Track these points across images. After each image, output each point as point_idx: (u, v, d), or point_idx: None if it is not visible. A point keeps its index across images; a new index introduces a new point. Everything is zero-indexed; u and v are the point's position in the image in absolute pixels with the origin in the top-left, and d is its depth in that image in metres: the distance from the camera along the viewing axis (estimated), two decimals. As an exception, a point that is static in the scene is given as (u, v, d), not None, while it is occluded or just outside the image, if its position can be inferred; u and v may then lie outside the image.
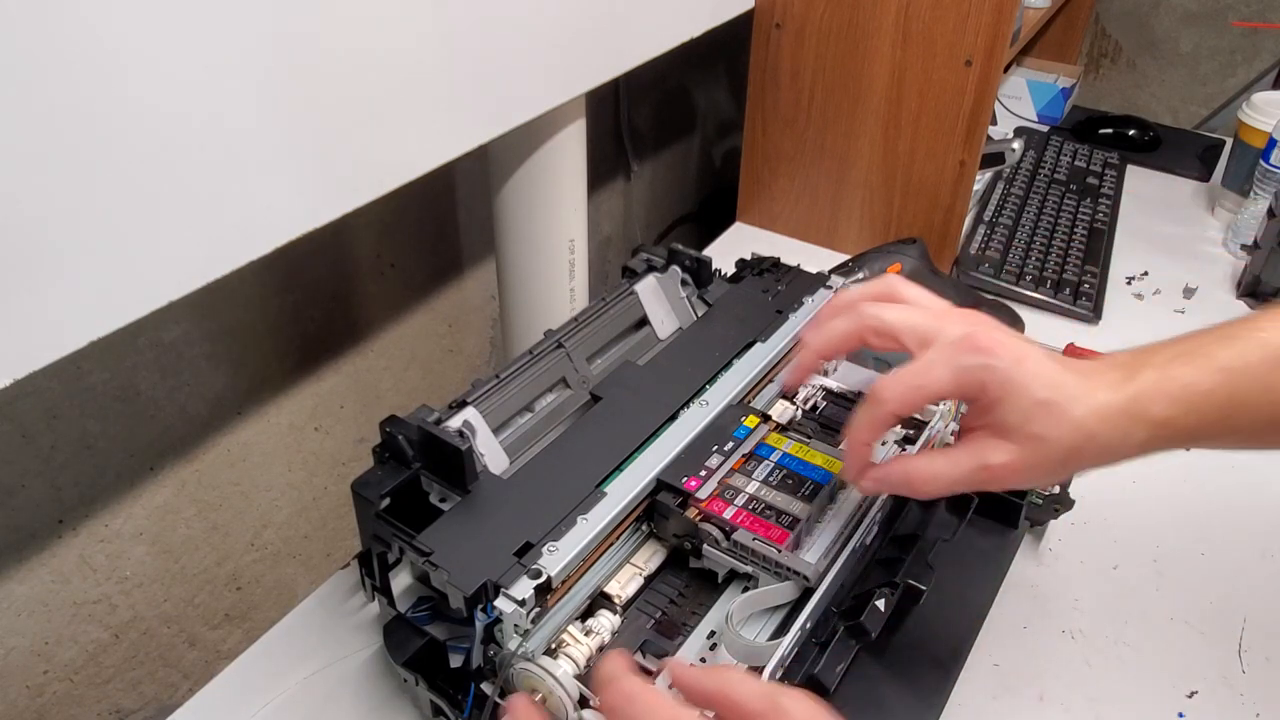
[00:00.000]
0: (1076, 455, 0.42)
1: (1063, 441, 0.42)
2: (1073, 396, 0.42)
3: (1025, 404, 0.42)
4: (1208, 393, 0.42)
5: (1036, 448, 0.42)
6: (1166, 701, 0.58)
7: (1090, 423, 0.42)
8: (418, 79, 0.56)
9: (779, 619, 0.50)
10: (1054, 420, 0.42)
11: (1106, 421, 0.42)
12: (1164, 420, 0.42)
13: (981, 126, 0.91)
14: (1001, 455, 0.43)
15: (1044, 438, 0.42)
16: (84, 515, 0.69)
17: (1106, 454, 0.43)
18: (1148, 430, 0.42)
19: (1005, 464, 0.42)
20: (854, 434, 0.47)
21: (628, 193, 1.27)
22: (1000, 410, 0.42)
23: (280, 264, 0.78)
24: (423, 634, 0.50)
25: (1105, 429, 0.42)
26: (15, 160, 0.38)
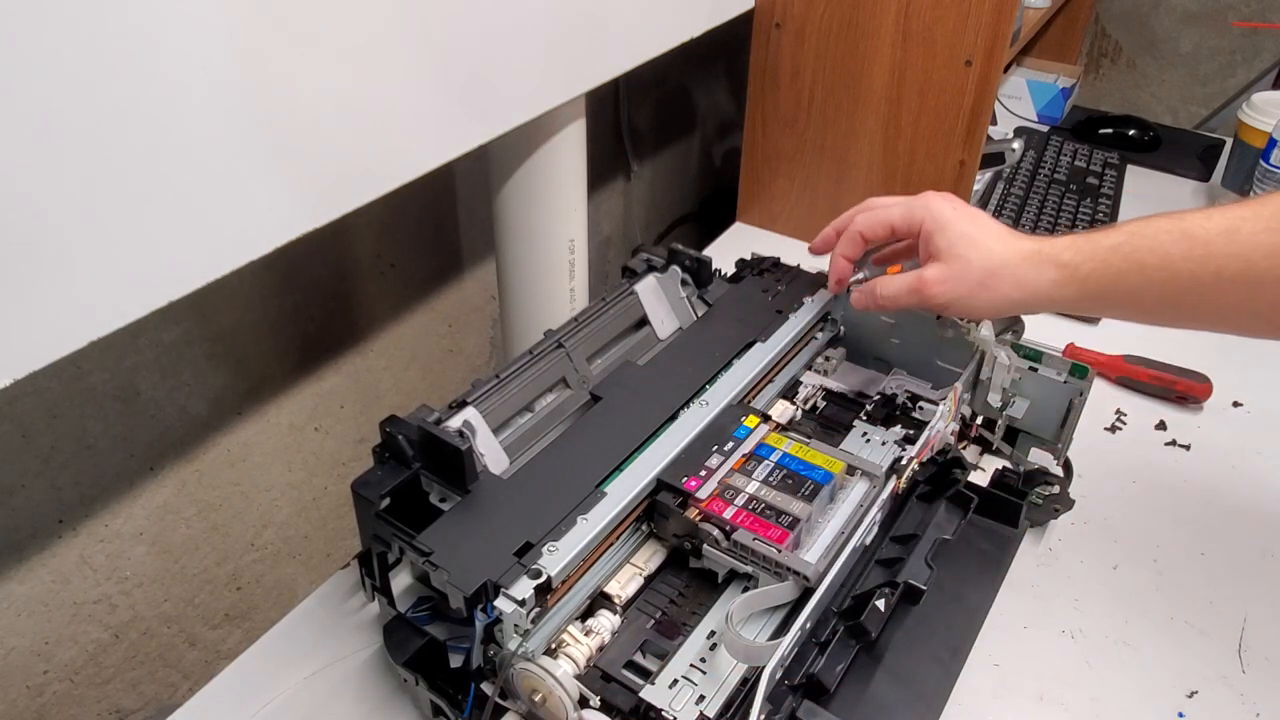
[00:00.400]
0: (994, 276, 0.53)
1: (980, 262, 0.53)
2: (993, 235, 0.54)
3: (951, 234, 0.54)
4: (1113, 247, 0.50)
5: (959, 265, 0.54)
6: (1166, 701, 0.58)
7: (1006, 254, 0.53)
8: (417, 79, 0.56)
9: (779, 619, 0.50)
10: (974, 247, 0.53)
11: (1021, 255, 0.52)
12: (1072, 264, 0.51)
13: (981, 126, 0.91)
14: (932, 271, 0.55)
15: (965, 258, 0.53)
16: (84, 515, 0.69)
17: (1022, 287, 0.52)
18: (1057, 270, 0.51)
19: (934, 277, 0.55)
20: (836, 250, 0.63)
21: (628, 193, 1.26)
22: (935, 240, 0.55)
23: (280, 264, 0.78)
24: (423, 634, 0.50)
25: (1019, 260, 0.52)
26: (15, 160, 0.38)
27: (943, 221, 0.55)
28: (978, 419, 0.69)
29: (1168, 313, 0.51)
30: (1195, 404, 0.83)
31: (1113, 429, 0.81)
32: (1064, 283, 0.51)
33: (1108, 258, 0.49)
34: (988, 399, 0.65)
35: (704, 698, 0.45)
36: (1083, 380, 0.62)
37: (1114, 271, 0.49)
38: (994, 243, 0.53)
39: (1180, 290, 0.48)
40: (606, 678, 0.46)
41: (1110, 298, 0.51)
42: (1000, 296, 0.53)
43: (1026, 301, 0.53)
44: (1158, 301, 0.49)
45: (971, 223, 0.54)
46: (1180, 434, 0.80)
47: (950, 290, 0.54)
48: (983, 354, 0.64)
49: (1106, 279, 0.50)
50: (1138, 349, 0.85)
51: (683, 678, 0.46)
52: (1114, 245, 0.49)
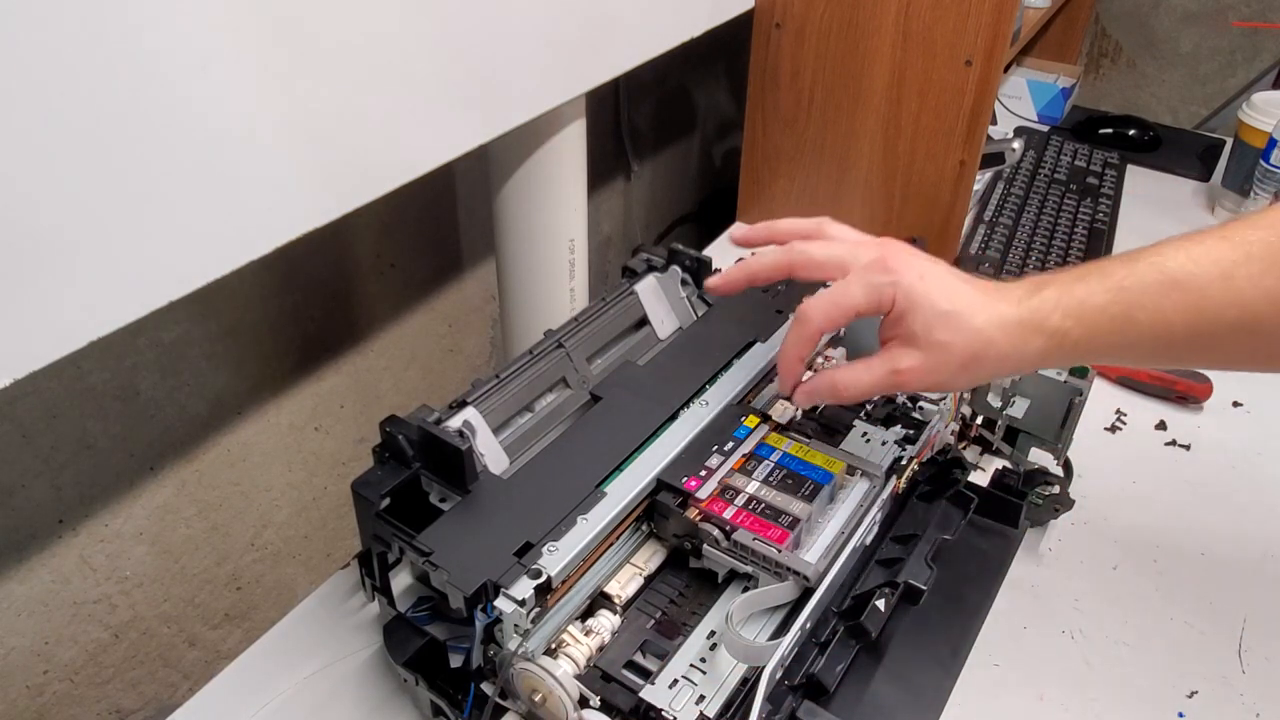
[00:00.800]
0: (976, 360, 0.47)
1: (963, 347, 0.47)
2: (973, 308, 0.47)
3: (928, 314, 0.47)
4: (1102, 308, 0.46)
5: (939, 352, 0.47)
6: (1166, 701, 0.58)
7: (989, 330, 0.47)
8: (418, 79, 0.56)
9: (779, 619, 0.50)
10: (954, 328, 0.47)
11: (1004, 330, 0.47)
12: (1059, 331, 0.46)
13: (981, 126, 0.91)
14: (908, 360, 0.48)
15: (945, 344, 0.47)
16: (84, 515, 0.69)
17: (1007, 362, 0.48)
18: (1045, 339, 0.47)
19: (911, 368, 0.48)
20: (785, 352, 0.52)
21: (628, 193, 1.26)
22: (907, 321, 0.48)
23: (280, 264, 0.78)
24: (423, 634, 0.50)
25: (1003, 336, 0.47)
26: (15, 161, 0.38)
27: (915, 299, 0.48)
28: (978, 419, 0.69)
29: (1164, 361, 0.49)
30: (1195, 404, 0.83)
31: (1113, 429, 0.81)
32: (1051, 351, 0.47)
33: (1096, 320, 0.46)
34: (988, 399, 0.65)
35: (704, 698, 0.45)
36: (1083, 380, 0.62)
37: (1104, 333, 0.46)
38: (976, 317, 0.47)
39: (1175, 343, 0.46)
40: (606, 678, 0.46)
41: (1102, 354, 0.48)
42: (982, 375, 0.49)
43: (1006, 372, 0.50)
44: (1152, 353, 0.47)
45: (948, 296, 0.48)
46: (1180, 434, 0.80)
47: (931, 380, 0.49)
48: (983, 354, 0.63)
49: (1097, 340, 0.46)
50: (1138, 349, 0.85)
51: (683, 678, 0.46)
52: (1102, 306, 0.46)
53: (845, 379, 0.50)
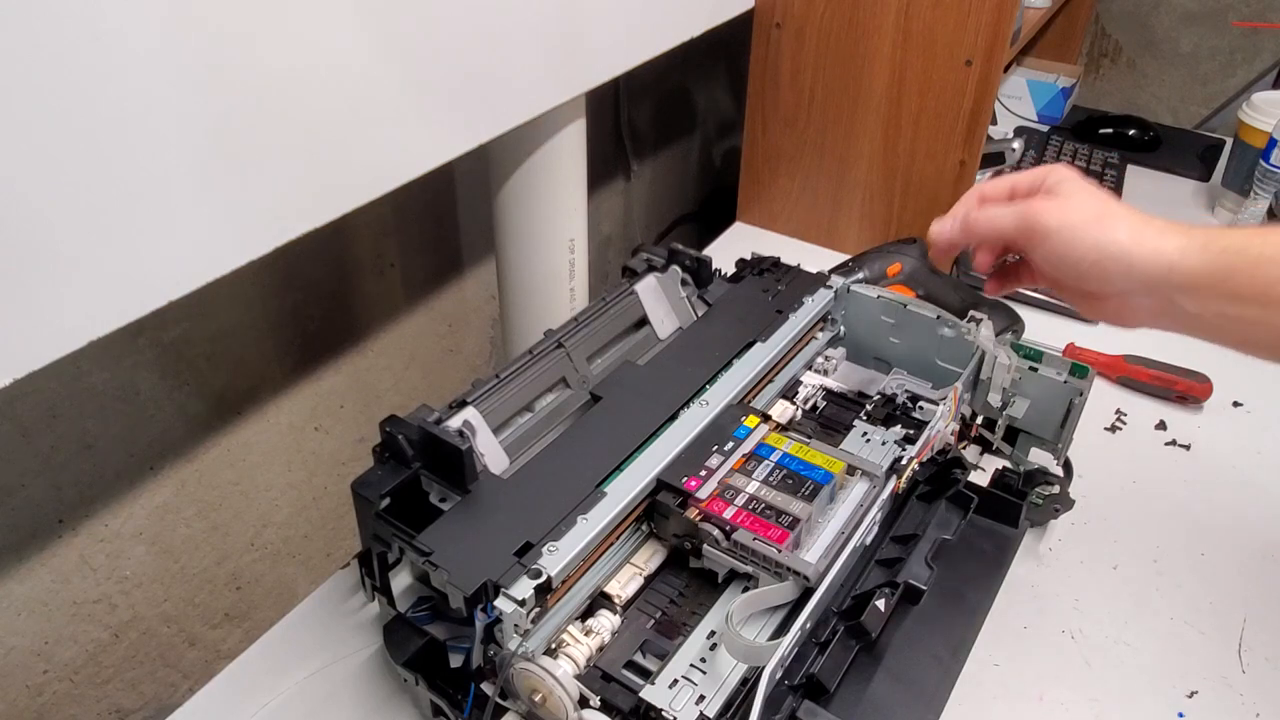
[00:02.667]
0: (1110, 215, 0.48)
1: (1095, 203, 0.49)
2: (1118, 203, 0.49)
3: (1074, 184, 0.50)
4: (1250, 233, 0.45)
5: (1075, 200, 0.49)
6: (1166, 701, 0.58)
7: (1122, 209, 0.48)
8: (417, 79, 0.56)
9: (779, 619, 0.50)
10: (1090, 192, 0.50)
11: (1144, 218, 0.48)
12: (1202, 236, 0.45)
13: (981, 126, 0.91)
14: (1045, 200, 0.50)
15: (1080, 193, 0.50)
16: (84, 515, 0.69)
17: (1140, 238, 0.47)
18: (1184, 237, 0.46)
19: (1045, 202, 0.50)
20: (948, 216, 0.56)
21: (628, 193, 1.26)
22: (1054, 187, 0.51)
23: (280, 264, 0.78)
24: (423, 634, 0.50)
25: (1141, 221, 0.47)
26: (15, 161, 0.38)
27: (1065, 178, 0.51)
28: (978, 419, 0.68)
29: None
30: (1195, 404, 0.83)
31: (1113, 429, 0.81)
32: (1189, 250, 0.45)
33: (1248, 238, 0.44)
34: (988, 399, 0.65)
35: (704, 698, 0.45)
36: (1083, 380, 0.62)
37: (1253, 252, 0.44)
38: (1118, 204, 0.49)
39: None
40: (606, 678, 0.46)
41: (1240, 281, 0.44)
42: (1111, 240, 0.47)
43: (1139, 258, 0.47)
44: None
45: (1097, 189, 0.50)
46: (1180, 434, 0.80)
47: (1061, 216, 0.49)
48: (983, 354, 0.64)
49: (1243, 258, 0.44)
50: (1138, 349, 0.85)
51: (683, 678, 0.46)
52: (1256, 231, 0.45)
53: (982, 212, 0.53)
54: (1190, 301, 0.46)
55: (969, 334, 0.64)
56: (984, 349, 0.63)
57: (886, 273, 0.87)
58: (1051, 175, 0.52)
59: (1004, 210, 0.52)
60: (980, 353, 0.64)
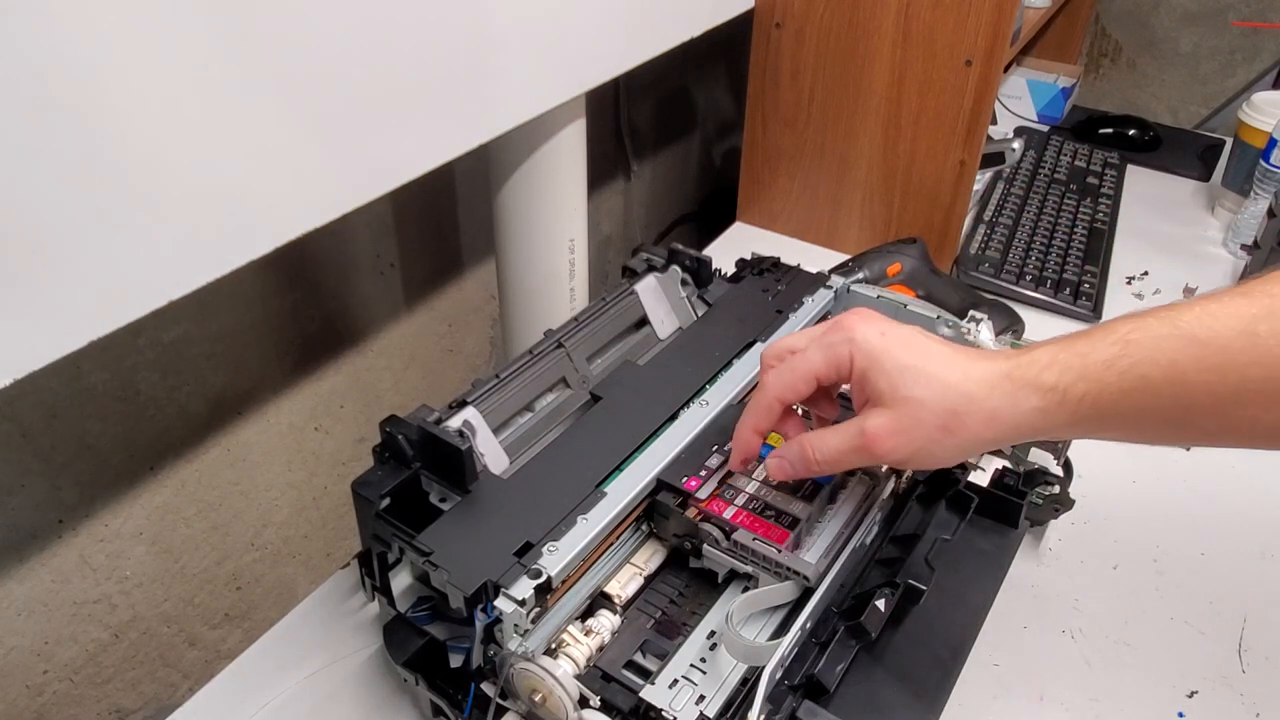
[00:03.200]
0: (957, 419, 0.42)
1: (937, 402, 0.42)
2: (945, 362, 0.43)
3: (890, 370, 0.43)
4: (1108, 362, 0.40)
5: (910, 409, 0.42)
6: (1166, 701, 0.58)
7: (967, 385, 0.42)
8: (418, 78, 0.56)
9: (779, 619, 0.50)
10: (923, 383, 0.42)
11: (987, 385, 0.42)
12: (1059, 387, 0.41)
13: (981, 126, 0.91)
14: (876, 420, 0.43)
15: (917, 399, 0.42)
16: (84, 515, 0.69)
17: (997, 422, 0.42)
18: (1040, 396, 0.41)
19: (881, 426, 0.43)
20: (740, 424, 0.49)
21: (628, 193, 1.26)
22: (871, 379, 0.44)
23: (280, 264, 0.78)
24: (423, 634, 0.50)
25: (987, 391, 0.42)
26: (15, 161, 0.38)
27: (875, 354, 0.44)
28: (978, 419, 0.68)
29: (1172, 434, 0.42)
30: (1195, 404, 0.83)
31: (1113, 429, 0.81)
32: (1050, 410, 0.41)
33: (1103, 375, 0.40)
34: (988, 399, 0.65)
35: (704, 698, 0.45)
36: (1083, 380, 0.62)
37: (1114, 392, 0.40)
38: (948, 371, 0.42)
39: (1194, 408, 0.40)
40: (606, 678, 0.46)
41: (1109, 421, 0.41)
42: (970, 438, 0.43)
43: (1004, 438, 0.43)
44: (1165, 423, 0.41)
45: (913, 350, 0.43)
46: (1180, 434, 0.80)
47: (904, 443, 0.43)
48: (983, 354, 0.63)
49: (1105, 401, 0.40)
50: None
51: (683, 678, 0.46)
52: (1108, 360, 0.40)
53: (814, 443, 0.46)
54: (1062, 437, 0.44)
55: (969, 334, 0.64)
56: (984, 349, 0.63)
57: (886, 273, 0.87)
58: (857, 359, 0.44)
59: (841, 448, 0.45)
60: (980, 353, 0.63)
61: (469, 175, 0.94)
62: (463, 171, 0.94)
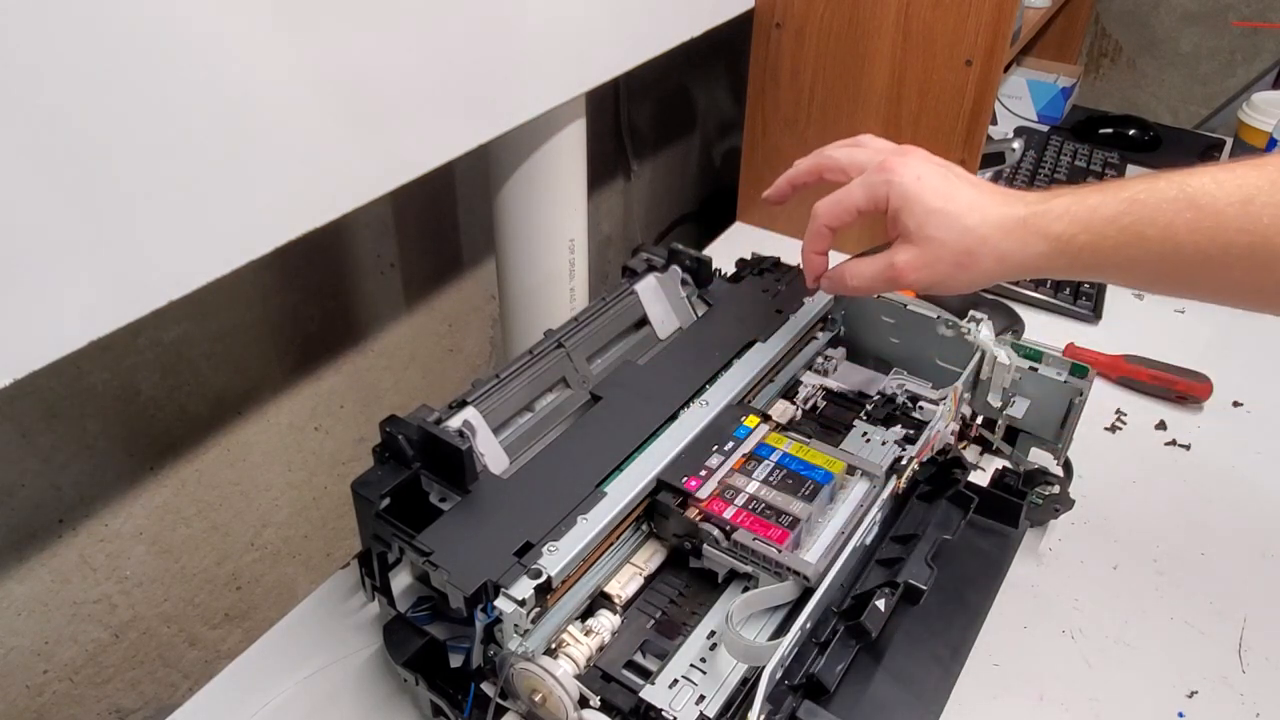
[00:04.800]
0: (971, 257, 0.48)
1: (955, 243, 0.48)
2: (969, 207, 0.48)
3: (919, 211, 0.49)
4: (1112, 218, 0.45)
5: (932, 247, 0.49)
6: (1166, 701, 0.58)
7: (984, 229, 0.47)
8: (418, 79, 0.56)
9: (779, 619, 0.50)
10: (946, 225, 0.48)
11: (1003, 229, 0.47)
12: (1064, 236, 0.46)
13: (981, 126, 0.91)
14: (904, 255, 0.50)
15: (938, 240, 0.48)
16: (84, 515, 0.69)
17: (1006, 262, 0.48)
18: (1048, 243, 0.47)
19: (907, 261, 0.49)
20: (804, 249, 0.57)
21: (628, 193, 1.26)
22: (902, 218, 0.50)
23: (280, 264, 0.78)
24: (423, 634, 0.50)
25: (1000, 235, 0.47)
26: (15, 160, 0.38)
27: (909, 197, 0.49)
28: (978, 419, 0.69)
29: (1163, 284, 0.47)
30: (1195, 404, 0.83)
31: (1113, 429, 0.81)
32: (1053, 255, 0.47)
33: (1104, 229, 0.45)
34: (988, 399, 0.65)
35: (704, 698, 0.45)
36: (1083, 380, 0.62)
37: (1110, 244, 0.45)
38: (969, 215, 0.48)
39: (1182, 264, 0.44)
40: (606, 678, 0.46)
41: (1104, 269, 0.47)
42: (980, 274, 0.49)
43: (1010, 274, 0.49)
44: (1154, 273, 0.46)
45: (941, 195, 0.49)
46: (1180, 434, 0.80)
47: (925, 275, 0.49)
48: (983, 354, 0.64)
49: (1102, 251, 0.45)
50: (1138, 349, 0.85)
51: (683, 678, 0.46)
52: (1112, 216, 0.45)
53: (851, 269, 0.54)
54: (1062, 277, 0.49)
55: (969, 334, 0.64)
56: (984, 349, 0.63)
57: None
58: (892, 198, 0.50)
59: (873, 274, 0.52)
60: (980, 353, 0.64)
61: (469, 175, 0.94)
62: (463, 171, 0.94)
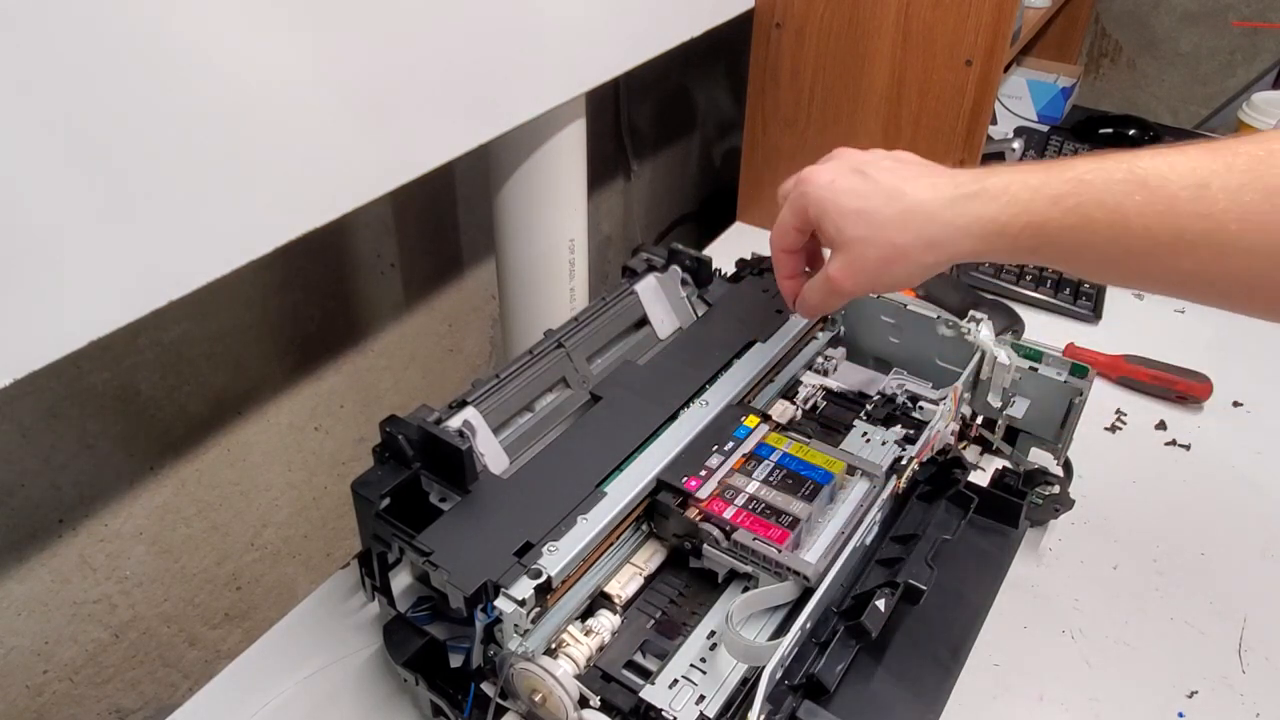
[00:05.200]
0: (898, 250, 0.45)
1: (877, 239, 0.46)
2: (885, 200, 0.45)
3: (835, 215, 0.47)
4: (1056, 199, 0.42)
5: (856, 250, 0.46)
6: (1166, 701, 0.58)
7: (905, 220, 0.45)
8: (418, 79, 0.56)
9: (779, 619, 0.50)
10: (864, 222, 0.46)
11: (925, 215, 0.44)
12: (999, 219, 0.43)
13: (981, 126, 0.91)
14: (834, 264, 0.48)
15: (860, 239, 0.46)
16: (84, 515, 0.69)
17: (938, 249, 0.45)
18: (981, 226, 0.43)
19: (838, 269, 0.47)
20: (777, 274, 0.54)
21: (628, 193, 1.26)
22: (824, 228, 0.48)
23: (280, 264, 0.78)
24: (423, 634, 0.50)
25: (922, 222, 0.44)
26: (15, 160, 0.38)
27: (823, 204, 0.47)
28: (978, 419, 0.68)
29: (1109, 272, 0.44)
30: (1195, 404, 0.83)
31: (1113, 429, 0.81)
32: (990, 237, 0.43)
33: (1048, 211, 0.42)
34: (988, 399, 0.65)
35: (704, 698, 0.45)
36: (1083, 380, 0.62)
37: (1055, 227, 0.42)
38: (887, 208, 0.45)
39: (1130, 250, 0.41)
40: (606, 677, 0.46)
41: (1046, 253, 0.43)
42: (915, 265, 0.46)
43: (947, 261, 0.46)
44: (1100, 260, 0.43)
45: (857, 194, 0.46)
46: (1180, 434, 0.80)
47: (860, 279, 0.47)
48: (983, 354, 0.64)
49: (1046, 234, 0.42)
50: (1138, 349, 0.85)
51: (683, 678, 0.46)
52: (1056, 196, 0.41)
53: (803, 295, 0.52)
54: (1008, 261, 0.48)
55: (969, 334, 0.64)
56: (984, 349, 0.63)
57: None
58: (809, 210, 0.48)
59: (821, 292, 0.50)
60: (980, 353, 0.64)
61: (469, 175, 0.94)
62: (463, 171, 0.94)
